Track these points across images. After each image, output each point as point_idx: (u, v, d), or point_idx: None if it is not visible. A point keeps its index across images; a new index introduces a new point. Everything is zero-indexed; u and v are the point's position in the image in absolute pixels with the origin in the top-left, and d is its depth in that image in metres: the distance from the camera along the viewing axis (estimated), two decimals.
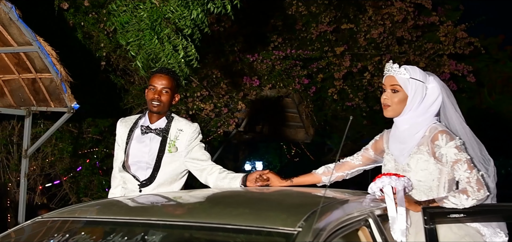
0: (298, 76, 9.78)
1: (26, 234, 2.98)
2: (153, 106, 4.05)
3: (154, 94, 4.04)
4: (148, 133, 4.10)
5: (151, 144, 4.08)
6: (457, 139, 3.29)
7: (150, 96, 4.05)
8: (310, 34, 9.96)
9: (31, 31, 5.63)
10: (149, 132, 4.10)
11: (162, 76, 4.07)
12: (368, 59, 10.26)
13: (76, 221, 2.96)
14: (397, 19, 9.99)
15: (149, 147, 4.08)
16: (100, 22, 7.68)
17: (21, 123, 8.03)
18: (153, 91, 4.05)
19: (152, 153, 4.06)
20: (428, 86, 3.44)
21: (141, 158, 4.09)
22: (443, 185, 3.35)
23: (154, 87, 4.05)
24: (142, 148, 4.10)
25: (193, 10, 5.32)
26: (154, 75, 4.12)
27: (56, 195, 8.68)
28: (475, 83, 11.23)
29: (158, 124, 4.12)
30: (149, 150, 4.08)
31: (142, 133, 4.11)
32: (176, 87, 4.16)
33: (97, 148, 8.49)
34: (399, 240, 3.06)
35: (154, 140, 4.08)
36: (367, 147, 3.76)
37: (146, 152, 4.09)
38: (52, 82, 6.16)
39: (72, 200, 8.48)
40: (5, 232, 3.03)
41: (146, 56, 5.45)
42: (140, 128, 4.14)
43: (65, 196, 8.62)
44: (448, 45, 10.27)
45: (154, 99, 4.04)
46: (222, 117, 8.74)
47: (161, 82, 4.05)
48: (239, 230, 2.49)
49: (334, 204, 2.92)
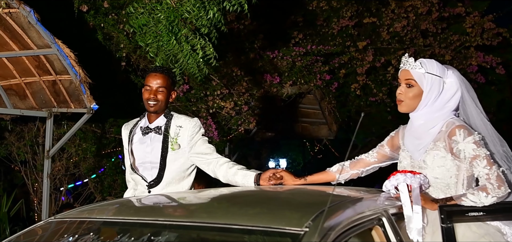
0: (320, 72, 9.70)
1: (37, 235, 2.98)
2: (149, 105, 4.05)
3: (149, 94, 4.04)
4: (148, 133, 4.10)
5: (153, 143, 4.09)
6: (476, 134, 3.18)
7: (146, 96, 4.06)
8: (331, 29, 9.86)
9: (49, 34, 5.68)
10: (149, 132, 4.10)
11: (156, 75, 4.06)
12: (392, 53, 10.10)
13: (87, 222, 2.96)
14: (421, 11, 9.81)
15: (151, 147, 4.09)
16: (119, 23, 7.71)
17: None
18: (149, 91, 4.05)
19: (155, 152, 4.07)
20: (445, 80, 3.35)
21: (144, 159, 4.11)
22: (462, 182, 3.25)
23: (149, 86, 4.05)
24: (144, 149, 4.11)
25: (209, 10, 5.30)
26: (149, 75, 4.11)
27: (81, 195, 8.78)
28: (505, 75, 10.95)
29: (157, 123, 4.12)
30: (152, 149, 4.08)
31: (143, 134, 4.12)
32: (171, 85, 4.14)
33: (119, 148, 8.55)
34: (415, 240, 2.97)
35: (155, 139, 4.09)
36: (383, 144, 3.68)
37: (148, 152, 4.09)
38: (71, 83, 6.22)
39: (97, 199, 8.57)
40: (17, 234, 3.05)
41: (165, 57, 5.45)
42: (140, 129, 4.14)
43: (90, 195, 8.71)
44: (475, 36, 10.04)
45: (150, 99, 4.04)
46: (243, 115, 8.69)
47: (156, 81, 4.04)
48: (245, 231, 2.46)
49: (344, 203, 2.86)
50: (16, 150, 8.49)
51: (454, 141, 3.19)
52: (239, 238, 2.46)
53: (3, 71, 6.65)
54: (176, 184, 4.07)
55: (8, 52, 6.29)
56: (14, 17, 5.69)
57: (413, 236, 2.97)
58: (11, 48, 6.20)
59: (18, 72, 6.58)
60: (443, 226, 3.03)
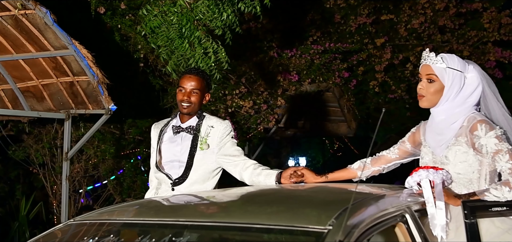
0: (338, 69, 9.67)
1: (57, 237, 2.98)
2: (183, 107, 4.05)
3: (183, 95, 4.04)
4: (179, 133, 4.11)
5: (183, 143, 4.09)
6: (497, 128, 3.15)
7: (180, 97, 4.06)
8: (349, 27, 9.82)
9: (66, 35, 5.68)
10: (181, 131, 4.10)
11: (191, 77, 4.06)
12: (410, 50, 10.04)
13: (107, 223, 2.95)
14: (439, 7, 9.74)
15: (181, 146, 4.09)
16: (136, 24, 7.72)
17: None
18: (183, 93, 4.05)
19: (184, 151, 4.07)
20: (467, 75, 3.31)
21: (173, 158, 4.10)
22: (484, 177, 3.21)
23: (183, 88, 4.05)
24: (174, 148, 4.11)
25: (223, 12, 5.28)
26: (183, 76, 4.11)
27: (101, 196, 8.81)
28: None
29: (189, 123, 4.12)
30: (181, 148, 4.09)
31: (174, 133, 4.13)
32: (206, 87, 4.14)
33: (138, 149, 8.56)
34: (439, 236, 2.94)
35: (186, 138, 4.09)
36: (404, 140, 3.66)
37: (178, 151, 4.10)
38: (89, 84, 6.23)
39: (117, 200, 8.59)
40: (37, 237, 3.04)
41: (177, 61, 5.44)
42: (172, 128, 4.15)
43: (109, 197, 8.74)
44: (493, 32, 9.94)
45: (183, 100, 4.04)
46: (262, 114, 8.68)
47: (190, 83, 4.04)
48: (268, 230, 2.43)
49: (367, 200, 2.82)
50: (34, 152, 8.54)
51: (476, 136, 3.16)
52: (262, 238, 2.44)
53: (20, 73, 6.66)
54: (200, 184, 4.07)
55: (25, 54, 6.29)
56: (30, 19, 5.70)
57: (437, 232, 2.94)
58: (27, 50, 6.20)
59: (35, 74, 6.59)
60: (466, 222, 3.00)
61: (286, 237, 2.42)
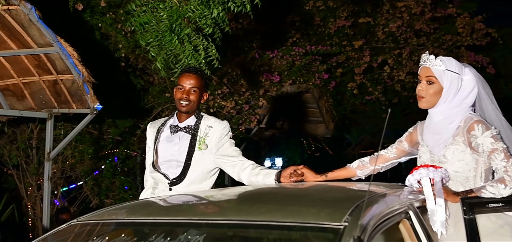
0: (318, 71, 9.78)
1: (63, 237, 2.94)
2: (181, 105, 4.04)
3: (182, 94, 4.03)
4: (177, 132, 4.09)
5: (181, 142, 4.07)
6: (493, 128, 3.26)
7: (179, 95, 4.04)
8: (328, 29, 9.91)
9: (51, 32, 5.59)
10: (179, 130, 4.09)
11: (190, 75, 4.06)
12: (387, 53, 10.20)
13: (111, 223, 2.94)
14: (415, 11, 9.91)
15: (179, 146, 4.07)
16: (117, 23, 7.66)
17: (40, 127, 8.03)
18: (182, 91, 4.04)
19: (182, 151, 4.05)
20: (463, 78, 3.42)
21: (171, 157, 4.08)
22: (480, 175, 3.32)
23: (182, 86, 4.04)
24: (172, 147, 4.09)
25: (214, 9, 5.27)
26: (182, 75, 4.10)
27: (77, 198, 8.68)
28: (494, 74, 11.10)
29: (187, 122, 4.10)
30: (179, 148, 4.07)
31: (172, 132, 4.11)
32: (204, 86, 4.14)
33: (117, 149, 8.48)
34: (439, 232, 3.03)
35: (184, 138, 4.07)
36: (401, 140, 3.74)
37: (176, 150, 4.08)
38: (74, 83, 6.14)
39: (94, 202, 8.48)
40: (41, 237, 3.01)
41: (166, 57, 5.41)
42: (170, 127, 4.13)
43: (86, 198, 8.62)
44: (466, 36, 10.19)
45: (182, 99, 4.02)
46: (243, 114, 8.70)
47: (190, 81, 4.04)
48: (284, 227, 2.45)
49: (376, 198, 2.87)
50: (7, 153, 8.36)
51: (473, 135, 3.26)
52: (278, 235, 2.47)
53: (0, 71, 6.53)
54: (197, 184, 4.05)
55: (6, 51, 6.17)
56: (13, 15, 5.58)
57: (437, 228, 3.03)
58: (9, 47, 6.08)
59: (16, 72, 6.47)
60: (465, 218, 3.11)
61: (303, 234, 2.44)
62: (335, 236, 2.27)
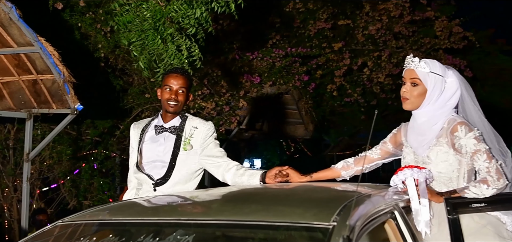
0: (298, 73, 9.82)
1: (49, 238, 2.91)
2: (170, 106, 4.03)
3: (170, 94, 4.02)
4: (162, 132, 4.08)
5: (166, 142, 4.06)
6: (476, 130, 3.32)
7: (166, 96, 4.03)
8: (308, 31, 9.95)
9: (32, 32, 5.53)
10: (164, 131, 4.08)
11: (178, 76, 4.06)
12: (366, 55, 10.27)
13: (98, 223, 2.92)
14: (394, 14, 10.00)
15: (164, 146, 4.06)
16: (97, 22, 7.60)
17: (17, 127, 7.93)
18: (169, 91, 4.03)
19: (167, 151, 4.04)
20: (447, 80, 3.47)
21: (156, 158, 4.07)
22: (463, 175, 3.37)
23: (169, 87, 4.03)
24: (156, 148, 4.08)
25: (197, 9, 5.25)
26: (169, 75, 4.09)
27: (54, 200, 8.59)
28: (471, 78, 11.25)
29: (172, 123, 4.10)
30: (164, 148, 4.05)
31: (157, 133, 4.09)
32: (190, 86, 4.17)
33: (96, 150, 8.41)
34: (423, 231, 3.07)
35: (169, 138, 4.06)
36: (385, 141, 3.78)
37: (161, 151, 4.06)
38: (54, 83, 6.07)
39: (71, 204, 8.39)
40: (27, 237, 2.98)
41: (149, 57, 5.38)
42: (155, 128, 4.11)
43: (63, 199, 8.53)
44: (444, 39, 10.33)
45: (170, 99, 4.02)
46: (224, 116, 8.69)
47: (177, 82, 4.04)
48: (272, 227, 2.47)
49: (362, 198, 2.89)
50: None
51: (456, 137, 3.31)
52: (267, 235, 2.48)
53: None
54: (182, 185, 4.04)
55: None
56: None
57: (421, 228, 3.08)
58: None
59: None
60: (449, 218, 3.14)
61: (293, 233, 2.45)
62: (324, 236, 2.29)
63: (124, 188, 7.52)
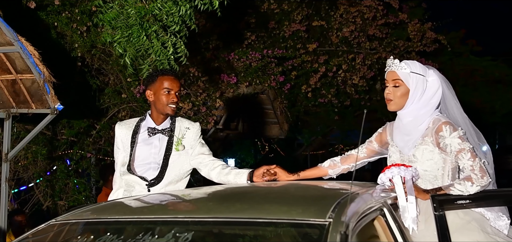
0: (274, 73, 9.87)
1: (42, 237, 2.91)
2: (171, 109, 4.06)
3: (170, 97, 4.05)
4: (156, 134, 4.11)
5: (161, 144, 4.10)
6: (460, 129, 3.43)
7: (167, 99, 4.04)
8: (283, 32, 10.01)
9: (12, 31, 5.44)
10: (157, 132, 4.10)
11: (175, 79, 4.11)
12: (340, 56, 10.38)
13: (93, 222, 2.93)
14: (367, 16, 10.13)
15: (159, 148, 4.10)
16: (73, 22, 7.52)
17: None
18: (168, 94, 4.05)
19: (161, 153, 4.09)
20: (428, 79, 3.58)
21: (151, 160, 4.09)
22: (447, 173, 3.48)
23: (169, 90, 4.05)
24: (150, 149, 4.10)
25: (181, 6, 5.27)
26: (165, 78, 4.09)
27: (28, 201, 8.46)
28: None
29: (164, 124, 4.13)
30: (159, 150, 4.09)
31: (150, 135, 4.11)
32: None
33: (71, 150, 8.32)
34: (410, 228, 3.16)
35: (163, 140, 4.11)
36: (371, 140, 3.87)
37: (155, 153, 4.09)
38: (34, 83, 5.98)
39: (46, 204, 8.28)
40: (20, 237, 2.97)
41: (135, 53, 5.37)
42: (147, 130, 4.13)
43: (38, 200, 8.41)
44: (417, 42, 10.52)
45: (171, 102, 4.05)
46: (200, 116, 8.69)
47: (176, 84, 4.09)
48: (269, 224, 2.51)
49: (353, 195, 2.95)
50: None
51: (441, 136, 3.42)
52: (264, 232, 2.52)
53: None
54: (174, 184, 4.10)
55: None
56: None
57: (408, 224, 3.18)
58: None
59: None
60: (435, 214, 3.25)
61: (290, 230, 2.50)
62: (321, 232, 2.34)
63: (103, 189, 7.51)
